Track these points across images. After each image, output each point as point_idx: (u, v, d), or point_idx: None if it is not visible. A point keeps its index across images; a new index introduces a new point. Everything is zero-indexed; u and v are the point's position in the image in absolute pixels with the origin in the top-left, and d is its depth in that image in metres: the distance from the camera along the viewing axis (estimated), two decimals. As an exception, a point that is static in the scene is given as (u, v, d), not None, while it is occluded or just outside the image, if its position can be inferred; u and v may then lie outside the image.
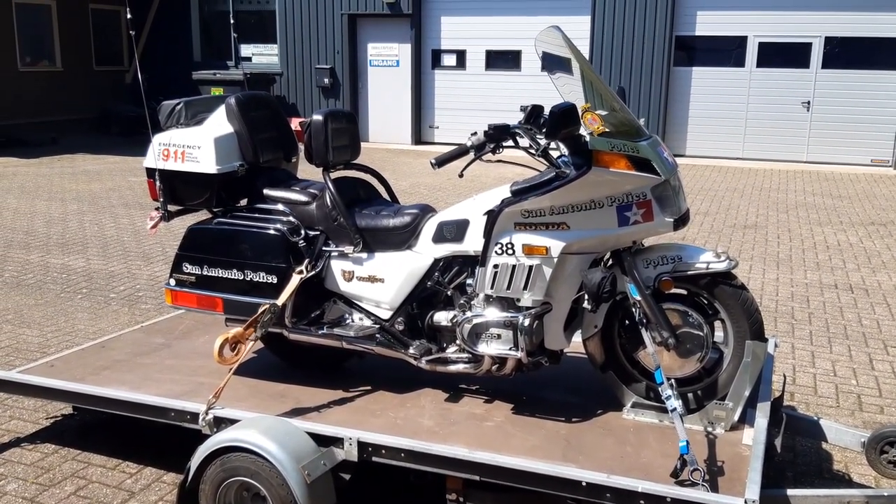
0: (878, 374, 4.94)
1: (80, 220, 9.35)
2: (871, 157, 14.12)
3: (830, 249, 8.16)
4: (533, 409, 3.38)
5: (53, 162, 13.95)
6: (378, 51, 16.84)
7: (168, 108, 3.80)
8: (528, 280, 3.19)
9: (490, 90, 15.89)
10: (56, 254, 7.78)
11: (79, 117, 17.37)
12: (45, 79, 16.96)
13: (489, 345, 3.28)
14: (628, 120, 3.20)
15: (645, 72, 14.94)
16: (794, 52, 14.28)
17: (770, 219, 9.64)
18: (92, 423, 4.15)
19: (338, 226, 3.52)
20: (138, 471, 3.73)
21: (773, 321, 5.87)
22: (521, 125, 3.13)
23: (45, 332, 5.56)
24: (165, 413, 3.44)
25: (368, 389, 3.60)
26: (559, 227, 3.13)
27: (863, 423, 4.23)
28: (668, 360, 3.16)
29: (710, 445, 3.06)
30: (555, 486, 2.83)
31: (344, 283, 3.56)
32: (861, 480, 3.72)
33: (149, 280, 6.91)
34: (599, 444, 3.09)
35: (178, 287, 3.68)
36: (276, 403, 3.46)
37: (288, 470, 2.91)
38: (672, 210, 3.09)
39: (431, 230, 3.42)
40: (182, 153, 3.61)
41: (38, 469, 3.74)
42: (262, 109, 3.80)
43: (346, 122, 3.68)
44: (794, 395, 4.60)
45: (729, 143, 14.86)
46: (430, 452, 3.00)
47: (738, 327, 3.15)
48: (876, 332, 5.70)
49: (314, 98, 17.13)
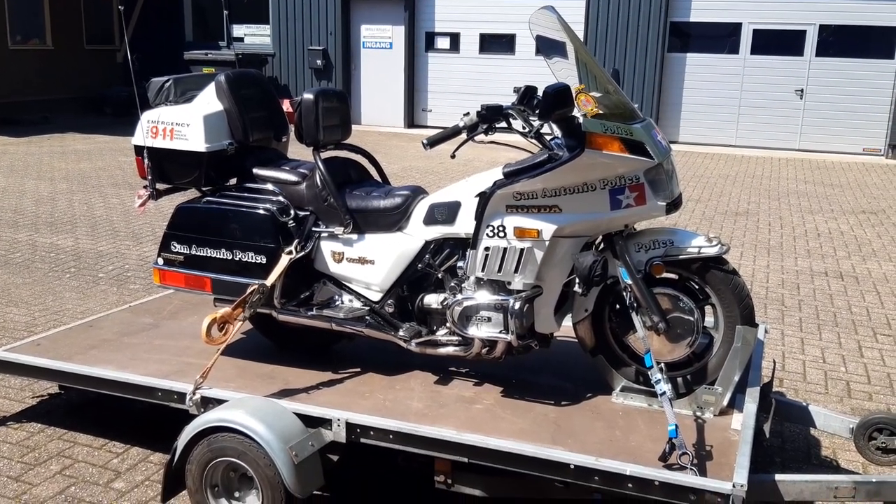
0: (867, 361, 4.96)
1: (70, 199, 9.28)
2: (863, 145, 14.13)
3: (821, 237, 8.17)
4: (522, 392, 3.38)
5: (43, 141, 13.84)
6: (371, 32, 16.73)
7: (157, 86, 3.76)
8: (519, 263, 3.17)
9: (484, 74, 15.81)
10: (44, 233, 7.73)
11: (70, 96, 17.22)
12: (36, 57, 16.80)
13: (479, 328, 3.26)
14: (622, 102, 3.18)
15: (639, 58, 14.90)
16: (788, 39, 14.25)
17: (762, 206, 9.64)
18: (78, 403, 4.12)
19: (328, 206, 3.49)
20: (125, 450, 3.71)
21: (763, 308, 5.87)
22: (514, 106, 3.10)
23: (33, 311, 5.52)
24: (152, 393, 3.42)
25: (357, 371, 3.58)
26: (551, 210, 3.11)
27: (851, 410, 4.24)
28: (658, 344, 3.15)
29: (699, 430, 3.06)
30: (543, 469, 2.82)
31: (334, 265, 3.53)
32: (849, 466, 3.73)
33: (137, 260, 6.86)
34: (588, 428, 3.09)
35: (167, 266, 3.65)
36: (264, 384, 3.44)
37: (275, 450, 2.89)
38: (665, 194, 3.07)
39: (422, 212, 3.40)
40: (171, 131, 3.57)
41: (24, 448, 3.72)
42: (252, 88, 3.76)
43: (337, 101, 3.64)
44: (783, 382, 4.61)
45: (722, 130, 14.85)
46: (419, 434, 2.99)
47: (729, 312, 3.14)
48: (865, 320, 5.71)
49: (307, 79, 17.02)
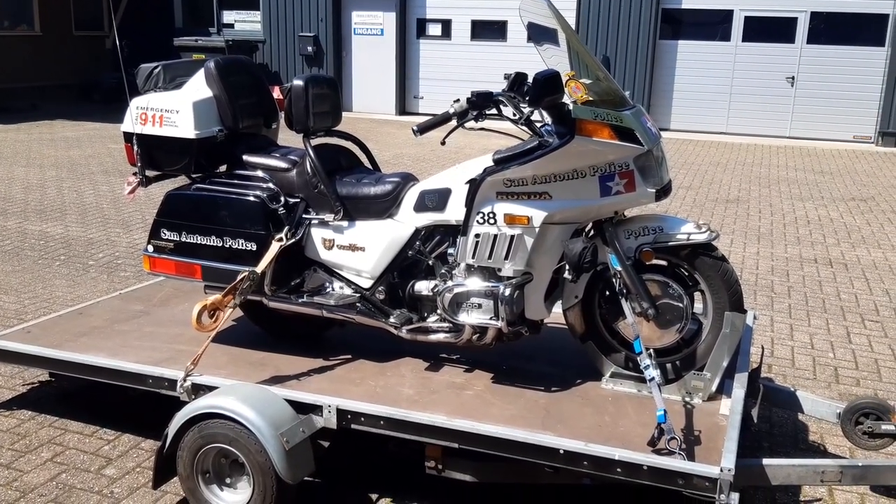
0: (855, 347, 4.99)
1: (59, 186, 9.24)
2: (853, 132, 14.17)
3: (811, 224, 8.21)
4: (513, 378, 3.39)
5: (32, 128, 13.75)
6: (363, 19, 16.65)
7: (146, 72, 3.74)
8: (509, 250, 3.18)
9: (476, 61, 15.76)
10: (34, 220, 7.69)
11: (59, 83, 17.09)
12: (24, 43, 16.66)
13: (470, 314, 3.27)
14: (612, 89, 3.18)
15: (631, 45, 14.88)
16: (779, 26, 14.26)
17: (752, 193, 9.67)
18: (69, 391, 4.12)
19: (318, 193, 3.48)
20: (116, 437, 3.71)
21: (752, 294, 5.90)
22: (505, 93, 3.09)
23: (23, 299, 5.51)
24: (143, 380, 3.42)
25: (348, 358, 3.59)
26: (541, 197, 3.12)
27: (839, 395, 4.28)
28: (647, 330, 3.17)
29: (688, 415, 3.08)
30: (533, 454, 2.84)
31: (324, 252, 3.53)
32: (836, 451, 3.77)
33: (128, 247, 6.84)
34: (578, 414, 3.10)
35: (157, 254, 3.64)
36: (254, 371, 3.44)
37: (266, 437, 2.90)
38: (654, 181, 3.08)
39: (413, 199, 3.40)
40: (160, 117, 3.55)
41: (15, 435, 3.72)
42: (242, 74, 3.74)
43: (328, 87, 3.63)
44: (771, 367, 4.64)
45: (713, 117, 14.87)
46: (409, 420, 3.00)
47: (718, 298, 3.16)
48: (854, 306, 5.75)
49: (297, 66, 16.94)
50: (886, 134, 13.86)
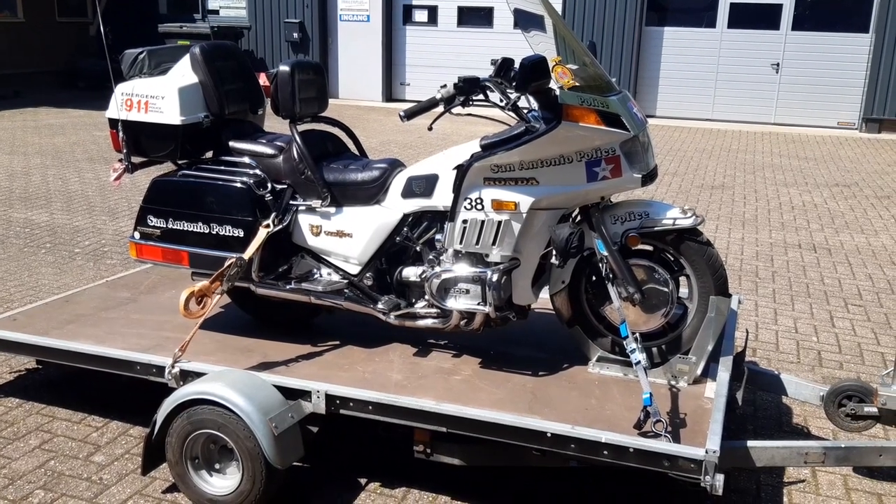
0: (839, 331, 5.05)
1: (44, 174, 9.17)
2: (837, 119, 14.24)
3: (795, 210, 8.26)
4: (500, 363, 3.41)
5: (15, 115, 13.62)
6: (348, 5, 16.55)
7: (131, 57, 3.71)
8: (496, 235, 3.19)
9: (462, 47, 15.71)
10: (19, 208, 7.64)
11: (42, 70, 16.92)
12: (7, 30, 16.47)
13: (458, 300, 3.29)
14: (599, 75, 3.19)
15: (617, 31, 14.87)
16: (764, 13, 14.27)
17: (737, 179, 9.72)
18: (57, 378, 4.11)
19: (305, 179, 3.48)
20: (104, 424, 3.71)
21: (737, 279, 5.95)
22: (492, 78, 3.10)
23: (8, 287, 5.48)
24: (131, 367, 3.42)
25: (337, 344, 3.60)
26: (528, 183, 3.13)
27: (822, 379, 4.33)
28: (633, 315, 3.19)
29: (673, 398, 3.11)
30: (520, 438, 2.87)
31: (312, 238, 3.53)
32: (819, 433, 3.82)
33: (114, 235, 6.81)
34: (565, 398, 3.13)
35: (143, 241, 3.63)
36: (243, 358, 3.45)
37: (255, 422, 2.91)
38: (640, 166, 3.10)
39: (400, 185, 3.40)
40: (145, 103, 3.54)
41: (2, 423, 3.71)
42: (227, 60, 3.73)
43: (314, 73, 3.62)
44: (756, 351, 4.69)
45: (699, 104, 14.90)
46: (398, 405, 3.02)
47: (703, 283, 3.19)
48: (837, 291, 5.81)
49: (283, 53, 16.83)
50: (870, 120, 13.93)
